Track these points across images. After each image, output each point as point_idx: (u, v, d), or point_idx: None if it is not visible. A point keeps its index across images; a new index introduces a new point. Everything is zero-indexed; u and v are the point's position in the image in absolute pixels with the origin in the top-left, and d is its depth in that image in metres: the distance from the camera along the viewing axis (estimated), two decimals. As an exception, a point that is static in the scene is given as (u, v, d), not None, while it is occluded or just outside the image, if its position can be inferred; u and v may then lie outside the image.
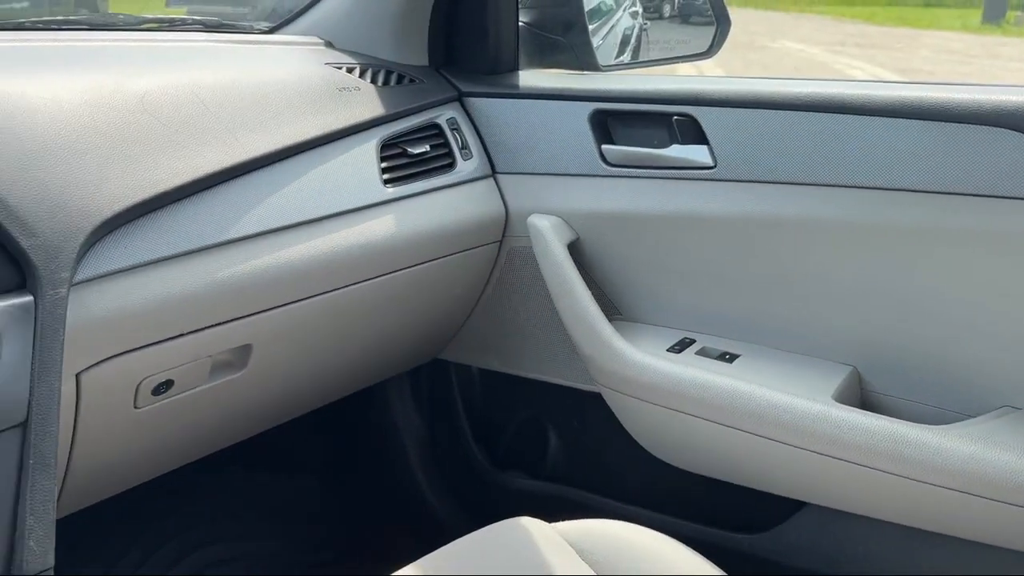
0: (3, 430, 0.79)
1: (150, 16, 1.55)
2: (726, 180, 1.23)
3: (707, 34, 1.64)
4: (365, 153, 1.23)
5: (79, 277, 0.87)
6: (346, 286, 1.17)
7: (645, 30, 2.05)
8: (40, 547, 0.81)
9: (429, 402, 1.70)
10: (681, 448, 1.29)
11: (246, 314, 1.05)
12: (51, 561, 0.82)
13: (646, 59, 1.90)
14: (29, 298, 0.82)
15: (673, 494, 1.40)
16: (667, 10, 2.03)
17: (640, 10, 2.11)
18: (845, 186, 1.14)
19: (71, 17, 1.40)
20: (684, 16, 1.89)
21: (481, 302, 1.47)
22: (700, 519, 1.38)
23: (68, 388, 0.89)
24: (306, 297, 1.12)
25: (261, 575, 1.64)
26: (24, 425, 0.80)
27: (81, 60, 1.10)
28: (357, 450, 1.78)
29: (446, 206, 1.32)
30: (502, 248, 1.41)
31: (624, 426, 1.34)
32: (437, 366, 1.62)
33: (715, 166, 1.23)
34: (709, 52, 1.64)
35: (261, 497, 1.73)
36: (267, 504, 1.74)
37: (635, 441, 1.34)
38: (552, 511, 1.02)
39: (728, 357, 1.25)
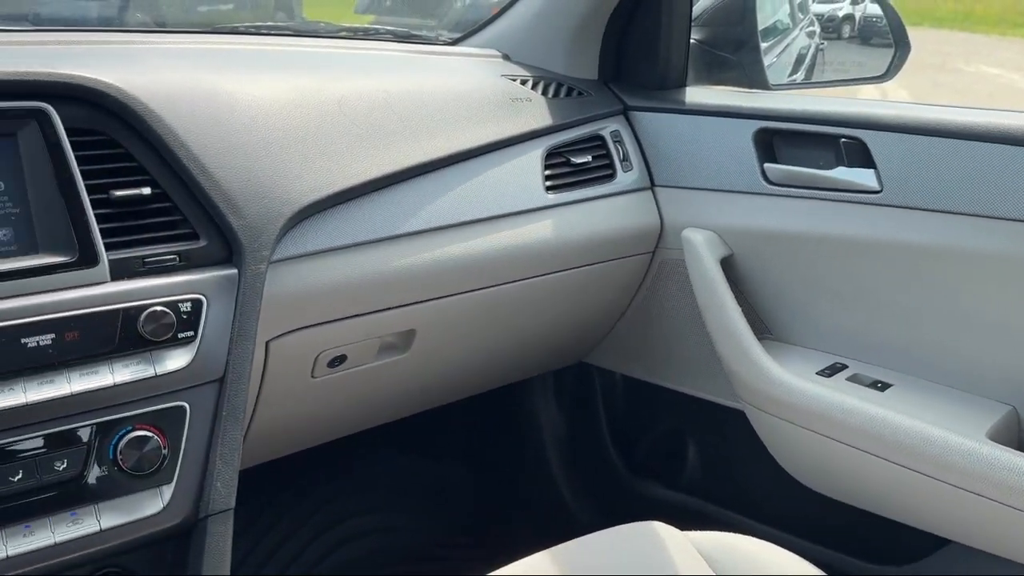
0: (204, 383, 0.92)
1: (346, 25, 1.70)
2: (891, 206, 1.21)
3: (886, 57, 1.60)
4: (531, 161, 1.30)
5: (276, 256, 0.98)
6: (503, 284, 1.25)
7: (821, 50, 2.01)
8: (226, 489, 0.92)
9: (571, 404, 1.75)
10: (824, 473, 1.28)
11: (412, 302, 1.14)
12: (232, 503, 0.94)
13: (818, 80, 1.87)
14: (234, 271, 0.94)
15: (811, 518, 1.38)
16: (846, 31, 1.99)
17: (817, 30, 2.07)
18: (1014, 220, 1.10)
19: (279, 24, 1.57)
20: (864, 37, 1.85)
21: (630, 310, 1.51)
22: (837, 546, 1.36)
23: (259, 353, 1.01)
24: (466, 291, 1.21)
25: (400, 549, 1.75)
26: (221, 381, 0.93)
27: (288, 64, 1.24)
28: (500, 443, 1.86)
29: (603, 215, 1.37)
30: (654, 259, 1.44)
31: (766, 446, 1.34)
32: (582, 370, 1.67)
33: (881, 191, 1.21)
34: (886, 76, 1.60)
35: (408, 478, 1.85)
36: (413, 485, 1.85)
37: (776, 462, 1.34)
38: (684, 522, 1.04)
39: (880, 386, 1.23)
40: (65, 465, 0.84)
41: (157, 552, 0.95)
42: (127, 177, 0.91)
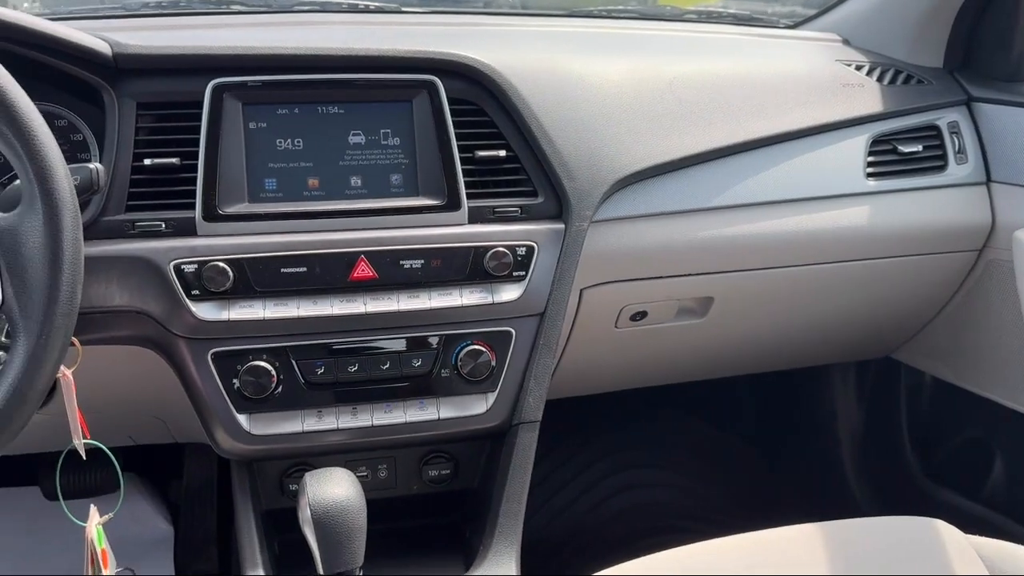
0: (528, 316, 1.10)
1: (691, 8, 1.79)
2: None
3: None
4: (855, 146, 1.31)
5: (597, 217, 1.14)
6: (808, 264, 1.29)
7: None
8: (535, 403, 1.10)
9: (872, 399, 1.72)
10: None
11: (713, 271, 1.24)
12: (539, 416, 1.12)
13: None
14: (561, 226, 1.11)
15: None
16: None
17: None
18: None
19: (629, 8, 1.71)
20: None
21: (946, 309, 1.46)
22: None
23: (573, 298, 1.17)
24: (769, 267, 1.27)
25: (676, 506, 1.85)
26: (541, 316, 1.10)
27: (631, 46, 1.38)
28: (790, 424, 1.88)
29: (928, 207, 1.34)
30: (980, 258, 1.38)
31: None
32: (887, 365, 1.64)
33: None
34: None
35: (692, 440, 1.94)
36: (695, 447, 1.94)
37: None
38: (977, 534, 1.01)
39: None
40: (419, 364, 1.07)
41: (476, 446, 1.16)
42: (488, 140, 1.11)
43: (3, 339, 0.93)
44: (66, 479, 1.53)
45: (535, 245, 1.09)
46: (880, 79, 1.39)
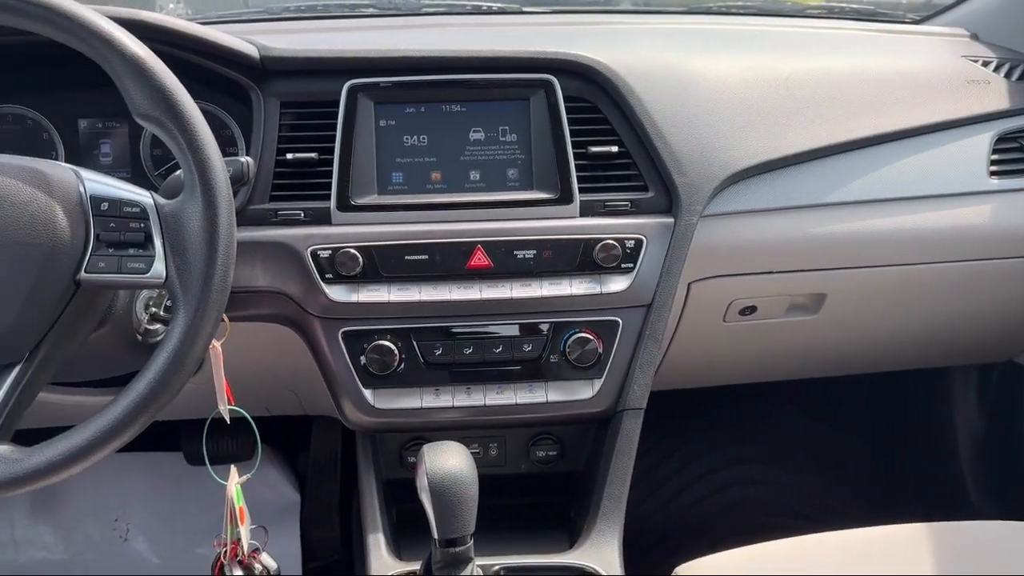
0: (634, 306, 1.14)
1: (813, 4, 1.78)
2: None
3: None
4: (977, 144, 1.28)
5: (706, 212, 1.16)
6: (925, 263, 1.27)
7: None
8: (640, 392, 1.15)
9: (994, 405, 1.66)
10: None
11: (825, 268, 1.24)
12: (644, 404, 1.16)
13: None
14: (670, 220, 1.14)
15: None
16: None
17: None
18: None
19: (748, 4, 1.71)
20: None
21: (1078, 314, 1.40)
22: None
23: (680, 291, 1.20)
24: (884, 264, 1.26)
25: (782, 503, 1.84)
26: (648, 307, 1.14)
27: (748, 43, 1.39)
28: (906, 427, 1.84)
29: (1056, 207, 1.29)
30: (1113, 259, 1.32)
31: None
32: (1011, 370, 1.58)
33: None
34: None
35: (801, 438, 1.92)
36: (805, 444, 1.92)
37: None
38: None
39: None
40: (530, 348, 1.13)
41: (582, 430, 1.21)
42: (601, 136, 1.15)
43: (163, 313, 1.05)
44: (208, 445, 1.67)
45: (644, 238, 1.13)
46: (1009, 75, 1.35)
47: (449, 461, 0.95)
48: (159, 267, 0.80)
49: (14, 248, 0.77)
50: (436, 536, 0.94)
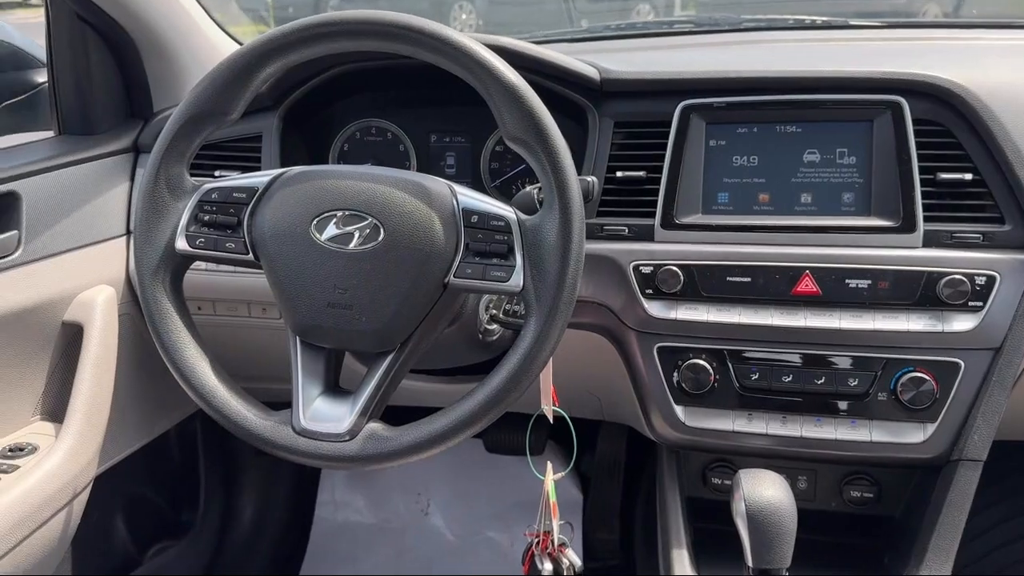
0: (980, 348, 1.05)
1: None
2: None
3: None
4: None
5: None
6: None
7: None
8: (981, 442, 1.05)
9: None
10: None
11: None
12: (984, 456, 1.06)
13: None
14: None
15: None
16: None
17: None
18: None
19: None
20: None
21: None
22: None
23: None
24: None
25: None
26: (997, 351, 1.04)
27: None
28: None
29: None
30: None
31: None
32: None
33: None
34: None
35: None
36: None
37: None
38: None
39: None
40: (856, 383, 1.07)
41: (903, 474, 1.14)
42: (953, 163, 1.07)
43: (501, 315, 1.13)
44: (506, 437, 1.78)
45: (997, 275, 1.03)
46: None
47: (768, 490, 0.94)
48: (518, 277, 0.86)
49: (399, 252, 0.87)
50: (750, 564, 0.93)
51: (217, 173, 1.31)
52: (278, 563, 1.90)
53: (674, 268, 1.11)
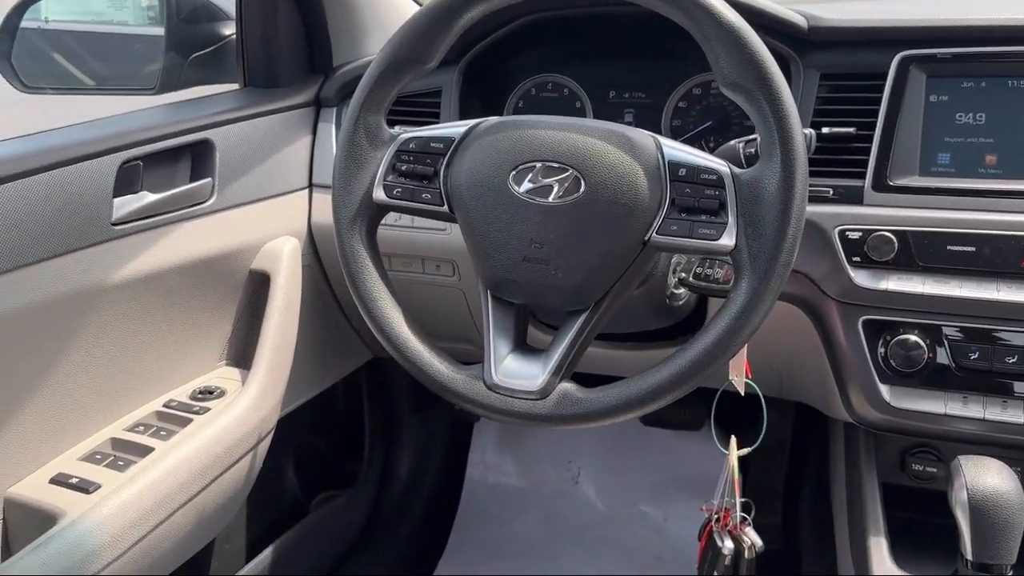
0: None
1: None
2: None
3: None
4: None
5: None
6: None
7: None
8: None
9: None
10: None
11: None
12: None
13: None
14: None
15: None
16: None
17: None
18: None
19: None
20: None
21: None
22: None
23: None
24: None
25: None
26: None
27: None
28: None
29: None
30: None
31: None
32: None
33: None
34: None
35: None
36: None
37: None
38: None
39: None
40: None
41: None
42: None
43: (691, 279, 1.07)
44: (667, 410, 1.73)
45: None
46: None
47: (994, 480, 0.86)
48: (729, 235, 0.80)
49: (600, 205, 0.83)
50: (969, 557, 0.85)
51: (396, 129, 1.31)
52: (431, 520, 1.92)
53: (887, 234, 1.02)
